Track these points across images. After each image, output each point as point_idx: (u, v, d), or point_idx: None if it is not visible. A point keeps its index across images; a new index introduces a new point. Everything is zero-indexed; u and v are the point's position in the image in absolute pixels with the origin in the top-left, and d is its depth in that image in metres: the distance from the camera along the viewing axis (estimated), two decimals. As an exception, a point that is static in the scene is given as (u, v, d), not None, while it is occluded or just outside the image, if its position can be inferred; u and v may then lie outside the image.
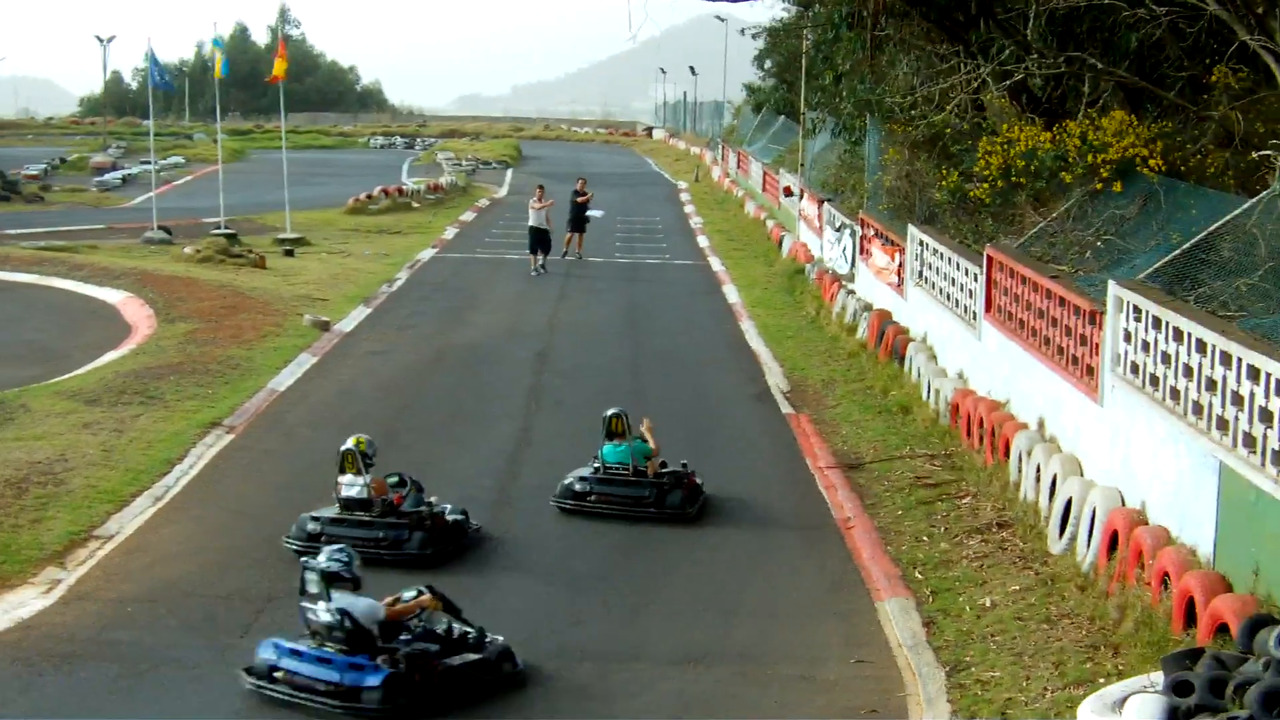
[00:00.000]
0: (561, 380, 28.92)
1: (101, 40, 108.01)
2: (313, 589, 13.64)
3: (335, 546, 14.10)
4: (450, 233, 57.56)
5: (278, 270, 43.16)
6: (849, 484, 21.36)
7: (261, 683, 13.60)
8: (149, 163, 69.03)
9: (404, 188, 70.47)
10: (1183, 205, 20.17)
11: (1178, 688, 10.70)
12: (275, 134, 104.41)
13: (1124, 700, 10.98)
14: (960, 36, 29.48)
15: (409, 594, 14.26)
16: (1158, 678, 11.23)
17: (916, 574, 17.24)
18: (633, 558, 18.03)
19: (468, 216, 64.57)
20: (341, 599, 13.58)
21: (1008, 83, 27.61)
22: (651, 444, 20.41)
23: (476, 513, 19.21)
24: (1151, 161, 22.25)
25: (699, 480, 20.52)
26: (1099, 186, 22.94)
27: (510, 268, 46.00)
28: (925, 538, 18.65)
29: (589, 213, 48.79)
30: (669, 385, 28.42)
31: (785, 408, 26.65)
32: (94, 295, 38.12)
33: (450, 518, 18.35)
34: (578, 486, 20.30)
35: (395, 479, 18.59)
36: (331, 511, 18.29)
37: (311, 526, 18.02)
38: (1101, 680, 13.03)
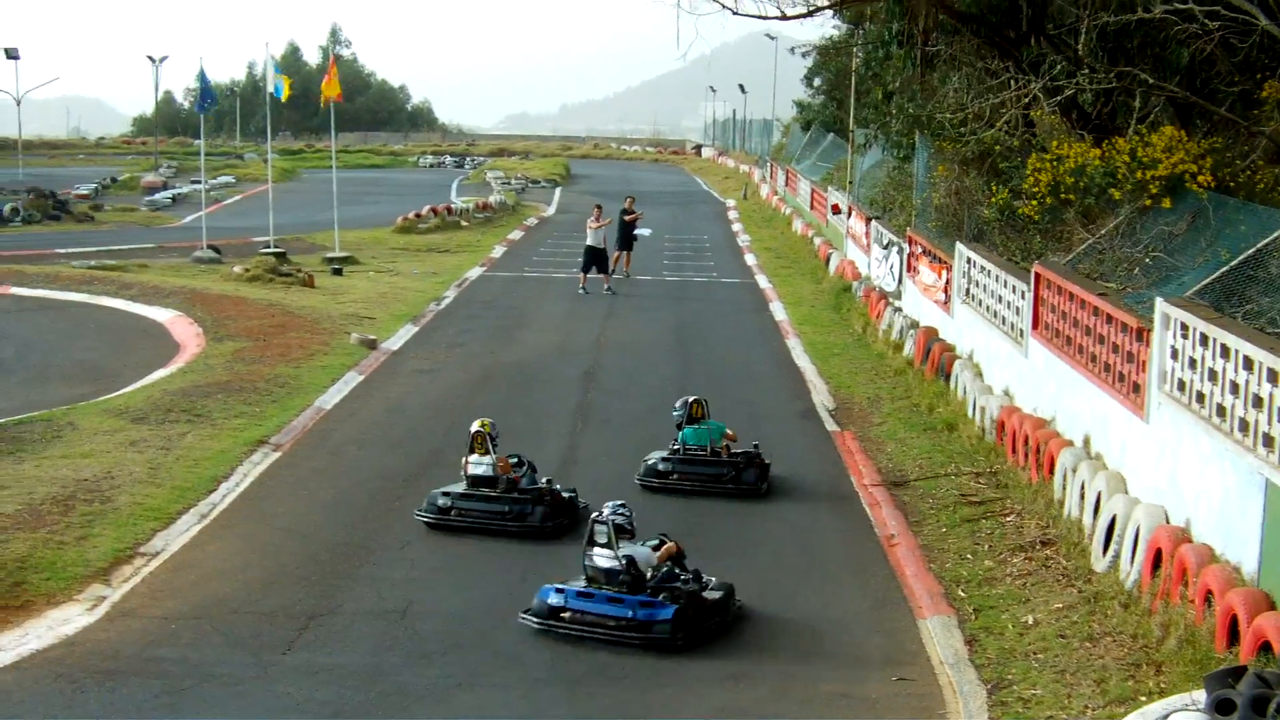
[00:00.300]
0: (609, 398, 28.92)
1: (154, 60, 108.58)
2: (601, 539, 16.15)
3: (618, 503, 16.66)
4: (499, 251, 57.66)
5: (326, 289, 43.30)
6: (893, 501, 21.31)
7: (549, 622, 15.84)
8: (199, 182, 69.45)
9: (453, 206, 70.60)
10: (1232, 221, 20.06)
11: (1220, 706, 10.63)
12: (326, 153, 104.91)
13: (1166, 718, 10.91)
14: (1011, 53, 29.47)
15: (653, 542, 16.69)
16: (1200, 696, 11.16)
17: (959, 591, 17.18)
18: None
19: (516, 235, 64.66)
20: (626, 547, 16.14)
21: (1058, 99, 27.55)
22: (728, 430, 22.71)
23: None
24: (1201, 177, 22.16)
25: (768, 461, 22.38)
26: (1148, 203, 22.86)
27: (558, 286, 46.05)
28: (969, 555, 18.59)
29: (637, 231, 48.73)
30: (716, 402, 28.18)
31: (830, 425, 26.61)
32: (143, 314, 38.31)
33: (565, 495, 20.33)
34: (661, 466, 22.45)
35: (515, 459, 20.68)
36: (460, 487, 20.17)
37: (442, 501, 19.89)
38: (1143, 698, 12.96)
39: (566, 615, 15.94)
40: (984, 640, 15.52)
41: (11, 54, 72.68)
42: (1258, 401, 14.24)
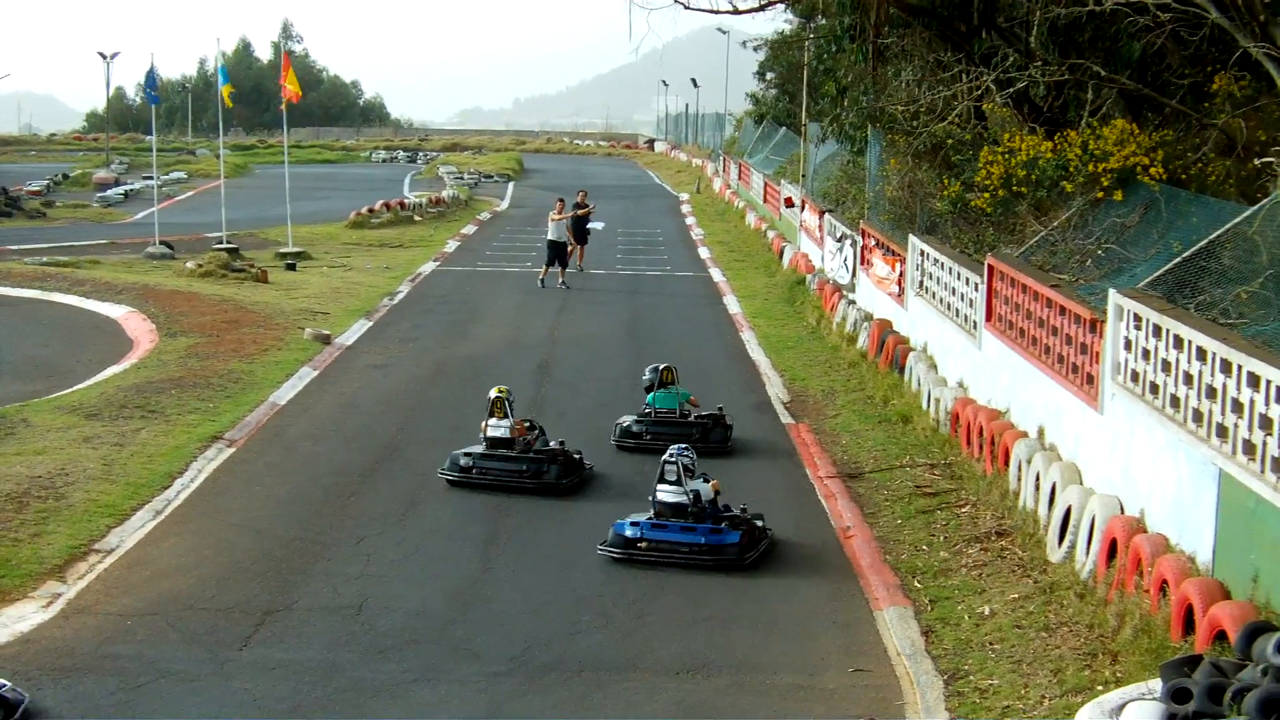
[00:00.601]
0: (563, 392, 28.91)
1: (105, 56, 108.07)
2: (671, 477, 18.78)
3: (682, 445, 19.37)
4: (452, 246, 57.59)
5: (279, 284, 43.18)
6: (849, 493, 21.36)
7: (629, 551, 18.20)
8: (151, 178, 69.06)
9: (406, 201, 70.44)
10: (1183, 213, 20.18)
11: (1176, 695, 10.69)
12: (278, 149, 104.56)
13: (1122, 707, 10.97)
14: (962, 46, 29.56)
15: (705, 479, 19.16)
16: (1156, 685, 11.22)
17: (915, 583, 17.23)
18: (632, 569, 17.97)
19: (469, 230, 64.58)
20: (692, 484, 18.76)
21: (1010, 91, 27.66)
22: (691, 397, 25.24)
23: (478, 524, 19.72)
24: (1153, 170, 22.29)
25: (730, 422, 24.82)
26: (1100, 195, 22.99)
27: (512, 280, 46.00)
28: (924, 546, 18.65)
29: (590, 224, 48.74)
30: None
31: (785, 417, 26.67)
32: (96, 310, 38.11)
33: (575, 455, 22.14)
34: (634, 428, 24.60)
35: (529, 423, 22.42)
36: (479, 449, 21.86)
37: (464, 461, 21.59)
38: (1100, 688, 13.01)
39: (643, 545, 18.24)
40: (940, 631, 15.57)
41: (-39, 50, 72.14)
42: (1211, 392, 14.29)
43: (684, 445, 19.53)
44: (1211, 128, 24.17)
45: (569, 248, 46.81)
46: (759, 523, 18.95)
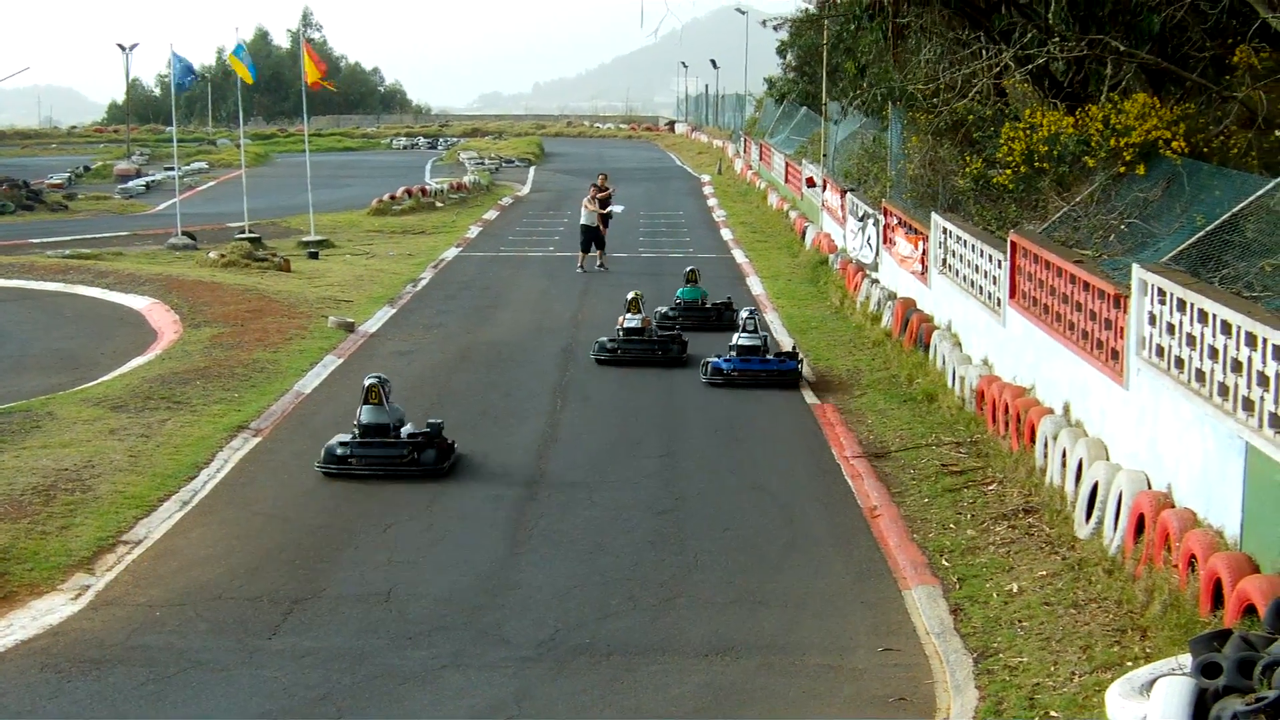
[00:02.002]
0: (587, 376, 28.90)
1: (124, 48, 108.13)
2: (750, 327, 28.93)
3: (751, 308, 28.98)
4: (474, 231, 57.63)
5: (302, 273, 43.23)
6: (875, 473, 21.34)
7: (721, 378, 27.74)
8: (172, 169, 69.16)
9: (427, 188, 70.43)
10: (1206, 187, 20.09)
11: (1206, 669, 10.65)
12: (298, 137, 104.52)
13: (1152, 683, 10.93)
14: (981, 23, 29.44)
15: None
16: (1185, 660, 11.19)
17: (943, 561, 17.22)
18: (661, 550, 18.00)
19: (491, 215, 64.61)
20: (761, 331, 29.09)
21: (1030, 67, 27.58)
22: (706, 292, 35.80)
23: (505, 509, 19.90)
24: (1175, 144, 22.18)
25: (735, 308, 34.16)
26: (1122, 170, 22.89)
27: (535, 265, 46.01)
28: (952, 525, 18.63)
29: (610, 208, 48.67)
30: (694, 377, 28.39)
31: (811, 398, 26.65)
32: (119, 302, 38.22)
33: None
34: (670, 313, 34.97)
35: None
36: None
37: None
38: (1129, 664, 13.00)
39: (735, 375, 27.82)
40: (969, 609, 15.56)
41: (-19, 44, 72.30)
42: (1236, 366, 14.26)
43: (752, 308, 31.63)
44: (1233, 100, 24.08)
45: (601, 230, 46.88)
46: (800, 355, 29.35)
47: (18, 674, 14.16)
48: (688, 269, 36.74)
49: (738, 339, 28.61)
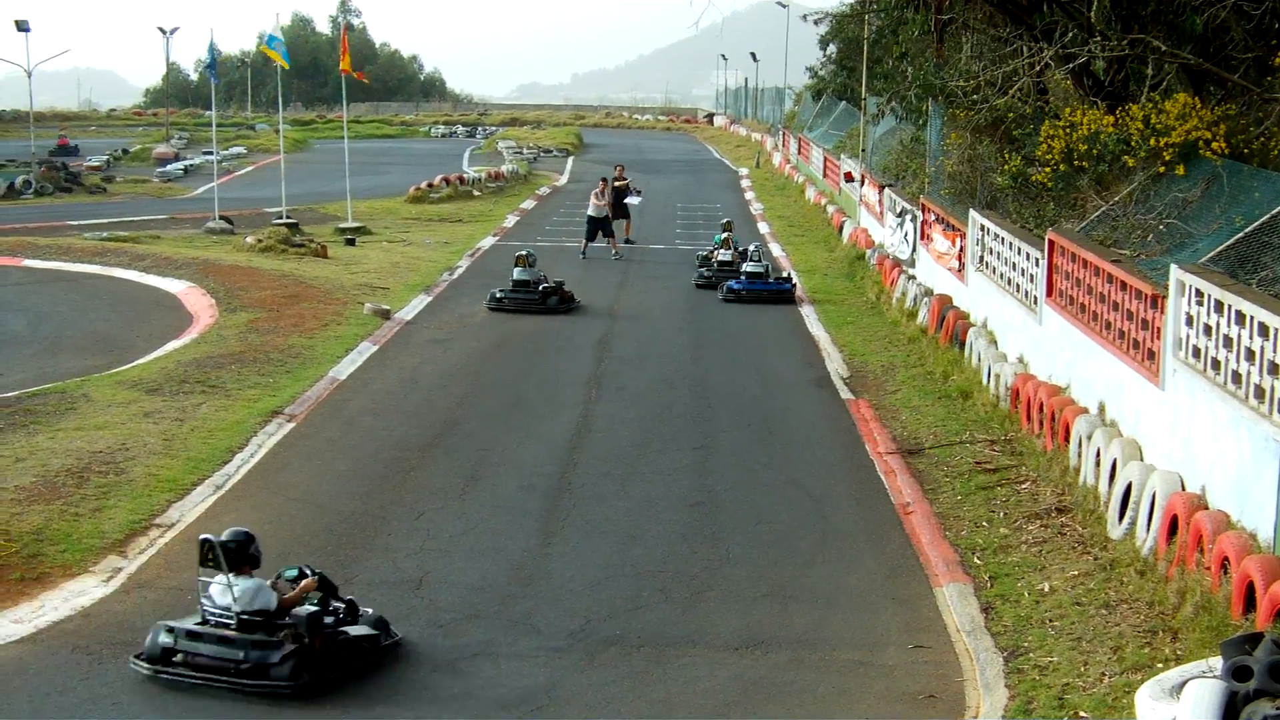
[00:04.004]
0: (622, 367, 28.90)
1: (164, 32, 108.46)
2: (755, 258, 35.23)
3: (757, 243, 29.62)
4: (511, 220, 57.68)
5: (339, 259, 43.30)
6: (908, 469, 21.32)
7: (736, 298, 31.64)
8: (211, 153, 69.34)
9: (465, 176, 70.56)
10: (1246, 188, 20.04)
11: (1237, 672, 10.62)
12: (337, 124, 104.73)
13: (1182, 685, 10.90)
14: (1023, 20, 29.43)
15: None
16: (1216, 662, 11.15)
17: (975, 559, 17.20)
18: (693, 544, 18.00)
19: (528, 204, 64.68)
20: (764, 261, 33.07)
21: (1071, 65, 27.56)
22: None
23: (538, 499, 19.83)
24: (1215, 144, 22.14)
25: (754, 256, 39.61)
26: (1161, 170, 22.85)
27: (572, 255, 45.93)
28: (984, 523, 18.60)
29: (628, 199, 48.74)
30: (730, 371, 28.41)
31: (845, 393, 26.62)
32: (156, 285, 38.30)
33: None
34: (701, 259, 41.18)
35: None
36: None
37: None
38: (1160, 665, 12.97)
39: (744, 293, 36.75)
40: (1000, 608, 15.54)
41: (22, 26, 72.33)
42: (1273, 368, 14.23)
43: (757, 244, 41.17)
44: (1274, 102, 24.03)
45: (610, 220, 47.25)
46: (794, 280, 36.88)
47: (49, 655, 14.23)
48: (724, 220, 44.51)
49: (747, 266, 38.57)
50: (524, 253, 36.62)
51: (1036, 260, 23.83)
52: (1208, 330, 16.08)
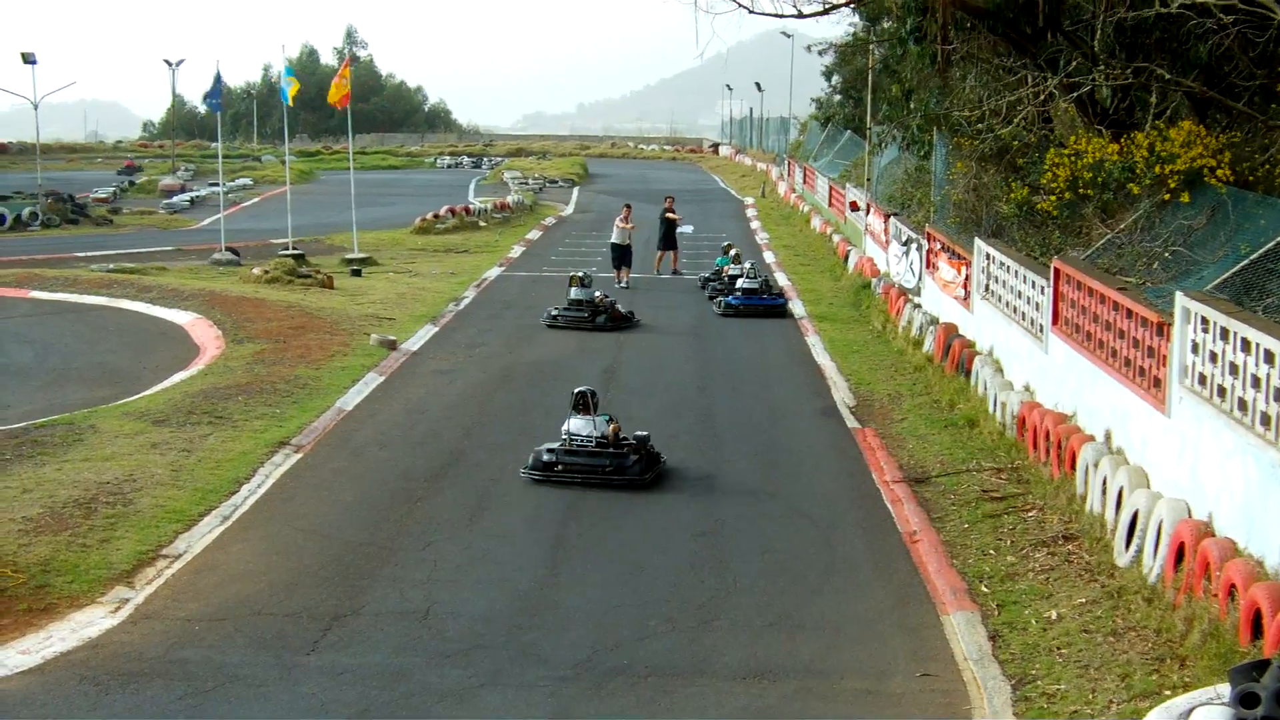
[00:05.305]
0: (630, 397, 28.86)
1: (170, 64, 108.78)
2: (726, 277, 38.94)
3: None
4: (517, 251, 57.77)
5: (345, 290, 43.37)
6: (915, 498, 21.31)
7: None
8: (217, 185, 69.55)
9: (471, 207, 70.70)
10: (1251, 216, 20.03)
11: (1244, 699, 10.61)
12: (343, 155, 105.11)
13: (1190, 712, 10.89)
14: (1027, 49, 29.44)
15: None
16: (1224, 690, 11.14)
17: (983, 587, 17.18)
18: (700, 573, 17.99)
19: (534, 235, 64.79)
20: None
21: (1075, 94, 27.54)
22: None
23: (545, 529, 19.89)
24: (1220, 172, 22.13)
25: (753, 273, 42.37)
26: (1166, 198, 22.84)
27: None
28: (991, 551, 18.59)
29: (680, 229, 49.67)
30: (736, 400, 28.42)
31: (851, 422, 26.62)
32: (162, 316, 38.41)
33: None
34: (715, 282, 43.84)
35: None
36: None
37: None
38: (1168, 692, 12.95)
39: (741, 308, 38.53)
40: (1007, 636, 15.52)
41: (29, 58, 72.47)
42: (1279, 395, 14.22)
43: (752, 261, 44.88)
44: (1279, 129, 24.02)
45: (659, 254, 49.58)
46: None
47: (56, 686, 14.23)
48: (726, 243, 47.57)
49: (742, 283, 41.46)
50: (580, 274, 39.02)
51: (1042, 288, 23.85)
52: (1214, 357, 16.08)
